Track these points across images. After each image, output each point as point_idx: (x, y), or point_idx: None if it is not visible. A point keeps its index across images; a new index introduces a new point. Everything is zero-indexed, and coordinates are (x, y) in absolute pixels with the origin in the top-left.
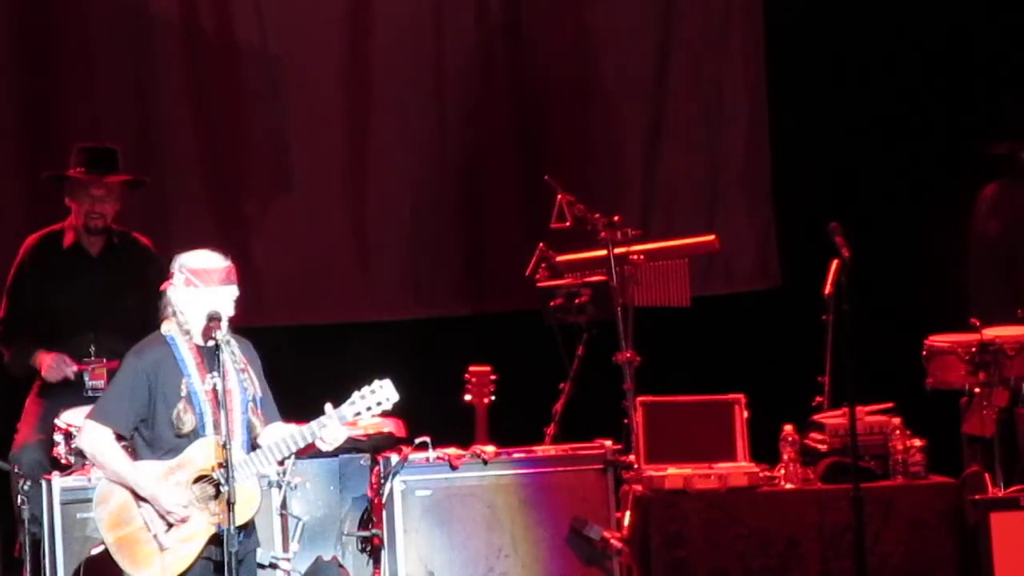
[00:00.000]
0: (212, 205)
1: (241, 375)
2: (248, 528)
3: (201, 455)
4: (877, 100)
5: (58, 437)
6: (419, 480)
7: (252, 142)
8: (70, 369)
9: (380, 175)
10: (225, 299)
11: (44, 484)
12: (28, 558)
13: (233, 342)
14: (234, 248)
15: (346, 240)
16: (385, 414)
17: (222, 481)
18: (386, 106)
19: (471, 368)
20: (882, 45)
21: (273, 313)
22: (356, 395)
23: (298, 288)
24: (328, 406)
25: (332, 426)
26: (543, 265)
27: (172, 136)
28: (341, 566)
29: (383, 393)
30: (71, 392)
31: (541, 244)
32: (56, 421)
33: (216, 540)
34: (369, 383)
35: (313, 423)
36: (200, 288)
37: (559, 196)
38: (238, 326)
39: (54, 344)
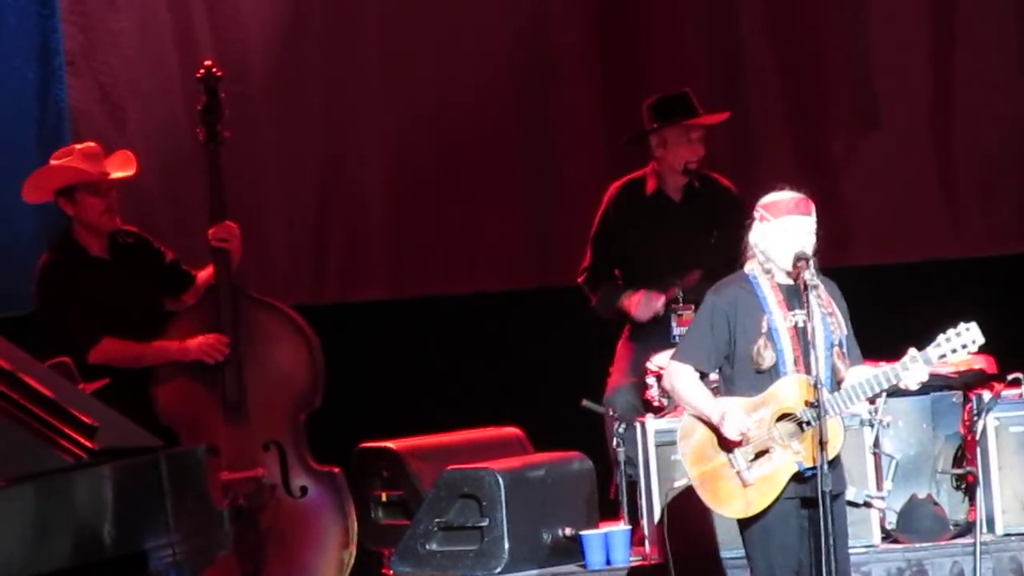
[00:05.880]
0: (796, 143)
1: (827, 318)
2: (833, 466)
3: (786, 392)
4: None
5: (650, 380)
6: (1013, 416)
7: (835, 79)
8: (658, 302)
9: (967, 112)
10: (797, 229)
11: (638, 426)
12: (624, 500)
13: (820, 284)
14: (819, 187)
15: (932, 178)
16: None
17: (808, 419)
18: (972, 42)
19: None
20: None
21: (859, 253)
22: (941, 337)
23: (883, 227)
24: (912, 349)
25: (916, 368)
26: None
27: (755, 76)
28: (936, 504)
29: (968, 336)
30: (661, 335)
31: None
32: (647, 364)
33: (798, 478)
34: (955, 325)
35: (897, 364)
36: (771, 220)
37: None
38: (824, 266)
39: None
